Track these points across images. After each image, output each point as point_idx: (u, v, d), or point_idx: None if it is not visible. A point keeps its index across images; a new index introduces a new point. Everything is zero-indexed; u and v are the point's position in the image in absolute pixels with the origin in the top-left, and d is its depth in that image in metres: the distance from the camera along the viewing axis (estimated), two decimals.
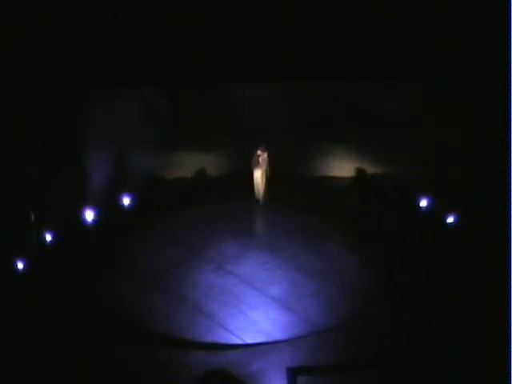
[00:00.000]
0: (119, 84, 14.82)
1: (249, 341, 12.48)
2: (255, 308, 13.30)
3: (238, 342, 12.47)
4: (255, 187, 16.66)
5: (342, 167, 17.20)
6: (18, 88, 13.62)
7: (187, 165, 17.15)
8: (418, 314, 12.75)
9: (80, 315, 12.79)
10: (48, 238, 14.52)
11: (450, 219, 15.16)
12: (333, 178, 17.30)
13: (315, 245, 15.14)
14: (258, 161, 16.41)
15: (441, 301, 12.98)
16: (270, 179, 16.56)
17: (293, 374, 11.40)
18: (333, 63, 14.70)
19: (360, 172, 17.21)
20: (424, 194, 15.79)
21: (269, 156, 16.38)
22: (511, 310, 10.58)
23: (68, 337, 12.23)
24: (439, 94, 15.66)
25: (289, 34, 14.70)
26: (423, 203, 15.80)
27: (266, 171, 16.52)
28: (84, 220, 15.21)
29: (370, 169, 17.14)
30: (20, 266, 13.66)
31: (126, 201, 16.01)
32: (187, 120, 16.54)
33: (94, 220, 15.29)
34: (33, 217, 14.36)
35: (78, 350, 11.97)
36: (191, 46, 14.75)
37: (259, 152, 16.35)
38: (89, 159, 15.46)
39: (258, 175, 16.55)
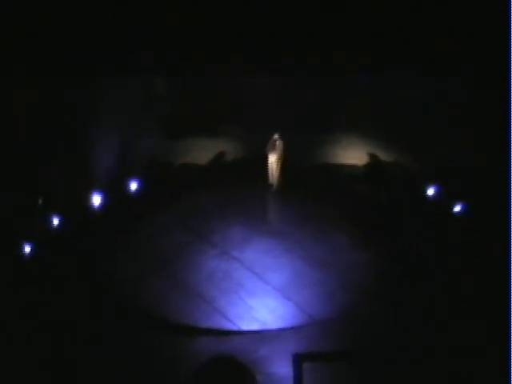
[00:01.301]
0: (127, 70, 14.83)
1: (244, 328, 12.48)
2: (254, 295, 13.30)
3: (234, 328, 12.49)
4: (269, 172, 16.57)
5: (353, 155, 17.03)
6: (26, 74, 13.64)
7: (195, 151, 17.11)
8: (422, 306, 12.60)
9: (84, 299, 12.91)
10: (55, 222, 14.63)
11: (458, 208, 14.99)
12: (344, 166, 17.12)
13: (322, 234, 15.01)
14: (274, 146, 16.33)
15: (447, 293, 12.81)
16: (284, 166, 16.48)
17: (298, 360, 11.39)
18: (346, 52, 14.57)
19: (371, 160, 17.00)
20: (432, 182, 15.62)
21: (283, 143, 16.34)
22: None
23: (72, 321, 12.33)
24: (450, 83, 15.43)
25: (301, 21, 14.58)
26: (431, 192, 15.60)
27: (281, 157, 16.45)
28: (91, 205, 15.30)
29: (381, 157, 16.94)
30: (27, 250, 13.79)
31: (133, 186, 16.05)
32: (197, 106, 16.56)
33: (101, 204, 15.37)
34: (40, 201, 14.49)
35: (82, 334, 12.08)
36: (201, 31, 14.67)
37: (275, 137, 16.30)
38: (97, 144, 15.54)
39: (273, 160, 16.45)
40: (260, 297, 13.25)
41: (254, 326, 12.56)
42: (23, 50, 13.00)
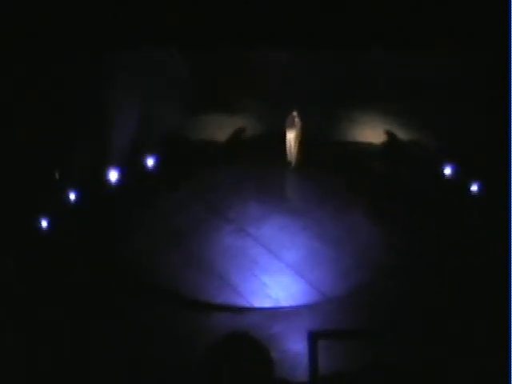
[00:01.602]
0: (144, 45, 14.76)
1: (256, 305, 12.55)
2: (268, 272, 13.35)
3: (246, 305, 12.56)
4: (287, 149, 16.50)
5: (371, 133, 16.86)
6: (51, 44, 13.60)
7: (212, 127, 17.07)
8: (435, 287, 12.51)
9: (101, 274, 13.04)
10: (72, 197, 14.71)
11: (475, 187, 14.86)
12: (362, 143, 16.98)
13: (339, 212, 14.96)
14: (293, 122, 16.24)
15: (461, 275, 12.65)
16: (302, 143, 16.39)
17: (313, 337, 11.41)
18: (364, 29, 14.42)
19: (389, 138, 16.85)
20: (449, 161, 15.49)
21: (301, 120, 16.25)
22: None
23: (87, 296, 12.45)
24: (467, 64, 15.19)
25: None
26: (448, 171, 15.47)
27: (299, 134, 16.33)
28: (108, 180, 15.37)
29: (399, 135, 16.80)
30: (44, 224, 13.90)
31: (150, 162, 16.10)
32: (213, 82, 16.44)
33: (118, 180, 15.43)
34: (57, 176, 14.57)
35: (97, 309, 12.19)
36: (217, 7, 14.58)
37: (294, 113, 16.20)
38: (114, 120, 15.54)
39: (292, 137, 16.37)
40: (274, 274, 13.29)
41: (267, 303, 12.62)
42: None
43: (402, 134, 16.72)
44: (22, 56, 13.30)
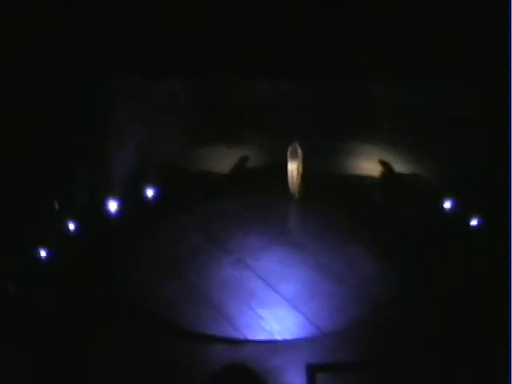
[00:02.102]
0: (145, 74, 14.85)
1: (250, 337, 12.51)
2: (264, 305, 13.27)
3: (240, 337, 12.52)
4: (289, 180, 16.42)
5: (371, 166, 16.79)
6: (43, 73, 13.70)
7: (214, 158, 17.06)
8: (437, 320, 12.43)
9: (99, 304, 13.04)
10: (71, 227, 14.75)
11: (475, 222, 14.74)
12: (361, 176, 16.88)
13: (340, 246, 14.87)
14: (295, 153, 16.16)
15: (462, 307, 12.56)
16: (304, 174, 16.34)
17: (312, 370, 11.37)
18: (362, 63, 14.49)
19: (387, 171, 16.74)
20: (449, 195, 15.38)
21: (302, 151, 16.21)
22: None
23: (85, 325, 12.47)
24: (463, 94, 15.21)
25: (322, 30, 14.52)
26: (448, 205, 15.33)
27: (301, 166, 16.25)
28: (107, 211, 15.39)
29: (398, 168, 16.67)
30: (43, 254, 13.94)
31: (150, 192, 16.09)
32: (213, 113, 16.56)
33: (117, 211, 15.47)
34: (56, 206, 14.62)
35: (95, 338, 12.22)
36: (220, 37, 14.65)
37: (296, 144, 16.13)
38: (113, 150, 15.65)
39: (294, 167, 16.28)
40: (270, 307, 13.21)
41: (261, 336, 12.57)
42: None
43: (401, 167, 16.63)
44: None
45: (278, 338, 12.55)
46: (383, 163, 16.84)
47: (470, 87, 14.72)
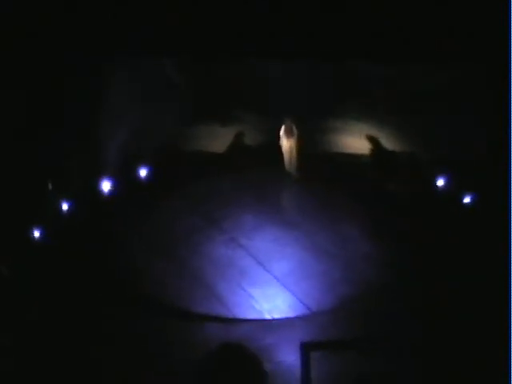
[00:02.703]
0: (138, 55, 14.75)
1: (240, 316, 12.60)
2: (255, 284, 13.38)
3: (229, 315, 12.64)
4: (285, 158, 16.38)
5: (365, 144, 16.74)
6: (40, 53, 13.64)
7: (206, 138, 17.05)
8: (427, 300, 12.47)
9: (93, 285, 13.15)
10: (65, 207, 14.82)
11: (467, 199, 14.66)
12: (355, 155, 16.73)
13: (333, 225, 14.87)
14: (290, 131, 16.06)
15: (454, 288, 12.59)
16: (300, 152, 16.28)
17: (306, 348, 11.43)
18: (357, 42, 14.34)
19: (381, 150, 16.66)
20: (442, 173, 15.32)
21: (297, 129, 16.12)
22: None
23: (80, 307, 12.60)
24: (460, 76, 15.03)
25: (317, 10, 14.39)
26: (441, 182, 15.25)
27: (296, 143, 16.18)
28: (101, 191, 15.44)
29: (392, 147, 16.62)
30: (36, 234, 14.03)
31: (143, 172, 16.11)
32: (206, 93, 16.54)
33: (110, 191, 15.50)
34: (50, 186, 14.66)
35: (90, 320, 12.34)
36: (214, 18, 14.53)
37: (288, 122, 16.07)
38: (107, 130, 15.65)
39: (289, 145, 16.20)
40: (260, 286, 13.32)
41: (251, 315, 12.66)
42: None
43: (396, 145, 16.56)
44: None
45: (268, 317, 12.66)
46: (371, 138, 16.82)
47: (459, 67, 14.63)
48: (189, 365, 11.07)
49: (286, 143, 16.25)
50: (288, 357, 11.50)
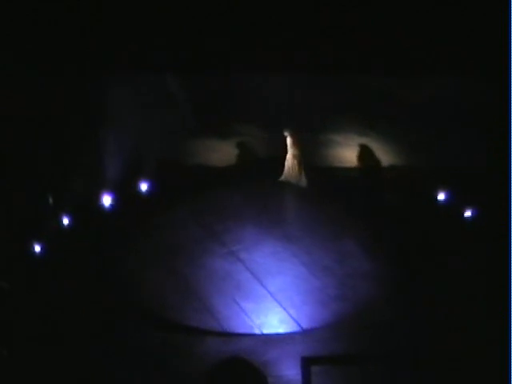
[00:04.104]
0: (139, 69, 14.80)
1: (228, 330, 12.50)
2: (249, 299, 13.29)
3: (218, 329, 12.54)
4: (286, 171, 16.45)
5: (366, 158, 16.72)
6: (36, 72, 13.72)
7: (207, 151, 17.13)
8: (428, 316, 12.33)
9: (93, 298, 13.15)
10: (65, 221, 14.97)
11: (468, 213, 14.50)
12: (356, 169, 16.81)
13: (333, 240, 14.78)
14: (290, 144, 16.17)
15: (454, 302, 12.49)
16: (300, 165, 16.32)
17: (306, 363, 11.38)
18: (356, 55, 14.30)
19: (381, 163, 16.67)
20: (442, 187, 15.18)
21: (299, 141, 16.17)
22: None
23: (80, 319, 12.60)
24: (460, 86, 14.86)
25: (315, 23, 14.37)
26: (441, 196, 15.11)
27: (298, 155, 16.27)
28: (101, 205, 15.55)
29: (393, 161, 16.61)
30: (37, 249, 14.13)
31: (144, 186, 16.20)
32: (206, 106, 16.54)
33: (111, 205, 15.61)
34: (51, 200, 14.74)
35: (90, 332, 12.33)
36: (213, 32, 14.56)
37: (288, 136, 16.14)
38: (107, 145, 15.76)
39: (290, 158, 16.31)
40: (254, 301, 13.23)
41: (242, 330, 12.56)
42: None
43: (395, 159, 16.50)
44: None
45: (257, 332, 12.55)
46: (370, 152, 16.72)
47: (459, 78, 14.50)
48: (186, 379, 11.07)
49: (287, 156, 16.32)
50: (289, 370, 11.28)
